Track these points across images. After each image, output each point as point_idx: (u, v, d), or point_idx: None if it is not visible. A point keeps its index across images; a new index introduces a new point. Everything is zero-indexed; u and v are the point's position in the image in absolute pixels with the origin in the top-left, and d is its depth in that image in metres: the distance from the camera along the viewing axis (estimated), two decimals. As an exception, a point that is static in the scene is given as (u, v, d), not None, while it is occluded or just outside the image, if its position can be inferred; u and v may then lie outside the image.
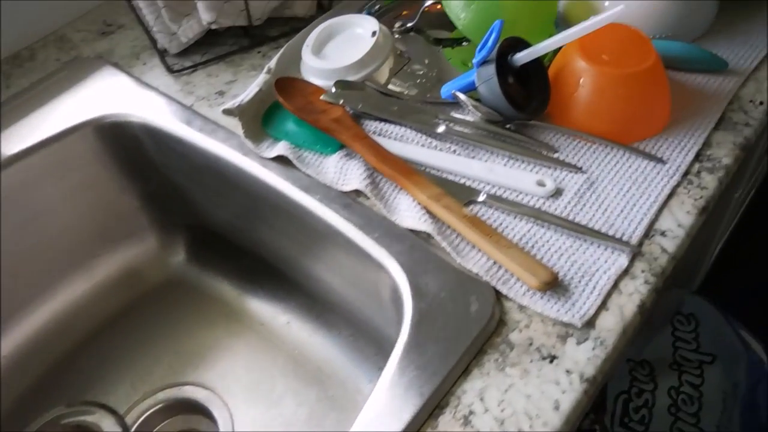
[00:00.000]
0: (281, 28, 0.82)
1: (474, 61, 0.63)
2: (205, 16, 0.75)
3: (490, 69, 0.62)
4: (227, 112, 0.67)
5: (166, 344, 0.78)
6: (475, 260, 0.56)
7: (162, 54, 0.80)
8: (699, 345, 1.17)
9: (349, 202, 0.62)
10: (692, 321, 1.30)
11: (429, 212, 0.58)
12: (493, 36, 0.62)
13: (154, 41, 0.79)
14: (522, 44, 0.65)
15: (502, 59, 0.63)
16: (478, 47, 0.63)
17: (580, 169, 0.62)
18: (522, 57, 0.62)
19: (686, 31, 0.72)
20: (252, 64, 0.78)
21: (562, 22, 0.78)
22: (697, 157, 0.62)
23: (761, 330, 1.32)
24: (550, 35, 0.74)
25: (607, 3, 0.72)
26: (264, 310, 0.80)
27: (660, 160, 0.61)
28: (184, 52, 0.80)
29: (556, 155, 0.63)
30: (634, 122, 0.63)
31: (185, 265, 0.86)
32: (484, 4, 0.69)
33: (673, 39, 0.71)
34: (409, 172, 0.61)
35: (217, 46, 0.81)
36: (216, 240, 0.83)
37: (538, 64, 0.65)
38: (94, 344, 0.79)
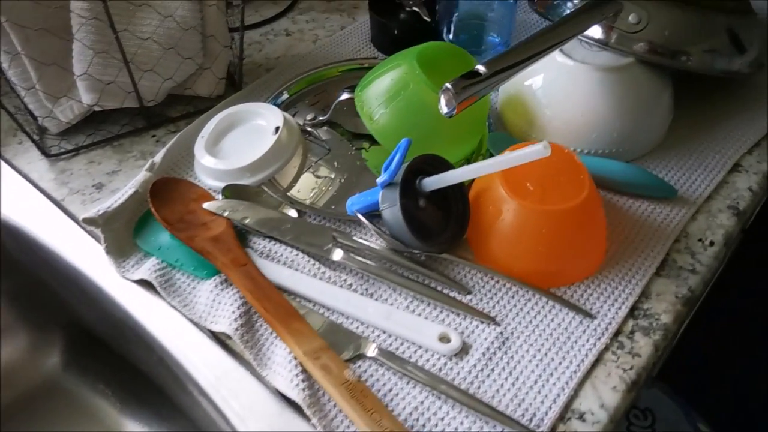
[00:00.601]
0: (184, 108, 0.72)
1: (378, 181, 0.54)
2: (85, 97, 0.65)
3: (394, 194, 0.52)
4: (89, 221, 0.57)
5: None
6: (352, 442, 0.45)
7: (41, 133, 0.69)
8: (655, 441, 1.09)
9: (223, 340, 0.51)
10: (648, 416, 1.21)
11: (306, 371, 0.48)
12: (398, 157, 0.52)
13: (33, 117, 0.69)
14: (436, 163, 0.55)
15: (410, 181, 0.54)
16: (384, 165, 0.54)
17: (494, 319, 0.52)
18: (431, 183, 0.53)
19: (632, 148, 0.63)
20: (142, 151, 0.68)
21: (497, 122, 0.69)
22: (632, 312, 0.52)
23: (723, 417, 1.24)
24: (483, 136, 0.65)
25: (545, 102, 0.63)
26: (143, 433, 0.69)
27: (588, 314, 0.52)
28: (70, 131, 0.70)
29: (468, 298, 0.53)
30: (561, 265, 0.54)
31: (61, 370, 0.75)
32: (401, 105, 0.60)
33: (616, 156, 0.62)
34: (288, 316, 0.51)
35: (108, 124, 0.70)
36: (95, 344, 0.72)
37: (457, 186, 0.56)
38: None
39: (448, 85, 0.49)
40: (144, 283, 0.55)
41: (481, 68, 0.51)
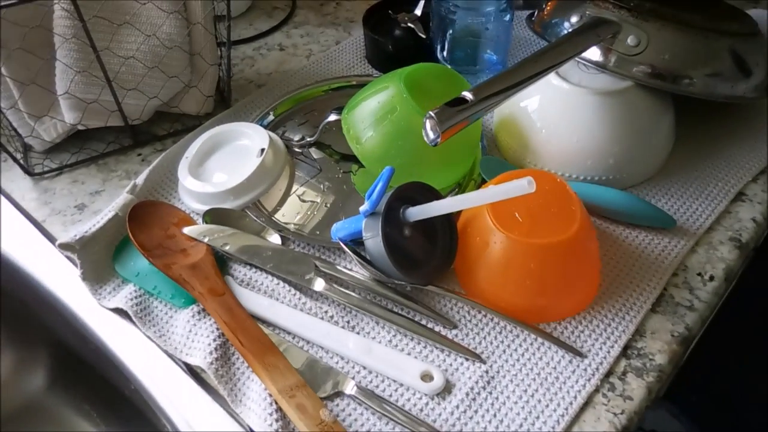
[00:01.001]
0: (171, 126, 0.70)
1: (361, 209, 0.52)
2: (68, 116, 0.64)
3: (377, 224, 0.50)
4: (65, 246, 0.55)
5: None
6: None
7: (26, 150, 0.68)
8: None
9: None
10: (654, 438, 1.18)
11: (281, 409, 0.46)
12: (380, 186, 0.50)
13: (18, 134, 0.67)
14: (423, 191, 0.53)
15: (395, 209, 0.52)
16: (367, 193, 0.52)
17: (480, 356, 0.49)
18: (414, 214, 0.50)
19: (629, 175, 0.60)
20: (127, 171, 0.67)
21: (491, 143, 0.67)
22: (625, 351, 0.50)
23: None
24: (475, 158, 0.63)
25: (540, 126, 0.61)
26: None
27: (578, 353, 0.49)
28: (55, 148, 0.68)
29: (454, 333, 0.51)
30: (550, 300, 0.51)
31: (46, 390, 0.73)
32: (388, 129, 0.58)
33: (612, 184, 0.60)
34: (264, 350, 0.49)
35: (94, 142, 0.69)
36: (80, 364, 0.71)
37: (445, 214, 0.53)
38: None
39: (432, 113, 0.47)
40: (120, 311, 0.54)
41: (467, 95, 0.49)
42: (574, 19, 0.62)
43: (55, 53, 0.61)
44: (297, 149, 0.66)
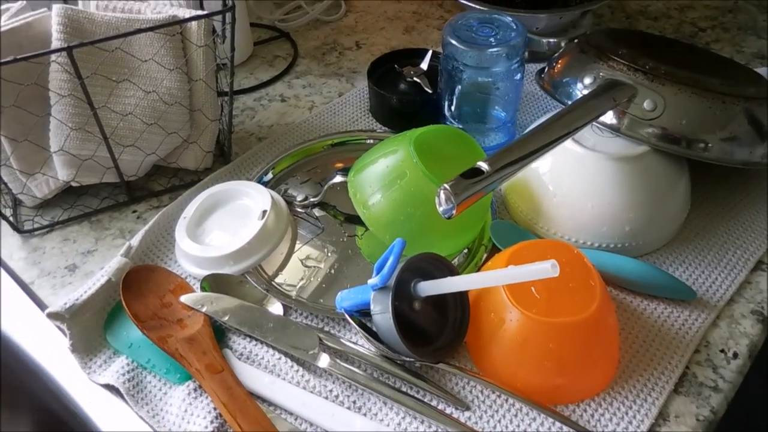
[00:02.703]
0: (168, 181, 0.68)
1: (370, 282, 0.49)
2: (61, 173, 0.61)
3: (386, 301, 0.47)
4: (54, 316, 0.52)
5: None
6: None
7: (15, 206, 0.65)
8: None
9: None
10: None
11: (282, 502, 0.43)
12: (391, 260, 0.47)
13: (9, 190, 0.64)
14: (434, 262, 0.51)
15: (406, 281, 0.49)
16: (376, 266, 0.49)
17: (495, 443, 0.47)
18: (426, 289, 0.48)
19: (645, 242, 0.58)
20: (121, 229, 0.64)
21: (501, 206, 0.64)
22: (649, 437, 0.47)
23: None
24: (485, 223, 0.61)
25: (552, 190, 0.59)
26: None
27: (599, 439, 0.47)
28: (46, 203, 0.66)
29: (467, 415, 0.48)
30: (569, 380, 0.48)
31: (28, 456, 0.69)
32: (396, 195, 0.55)
33: (627, 251, 0.57)
34: (264, 435, 0.46)
35: (87, 197, 0.66)
36: (65, 428, 0.67)
37: (456, 286, 0.51)
38: None
39: (447, 186, 0.45)
40: (111, 387, 0.50)
41: (483, 165, 0.47)
42: (587, 80, 0.60)
43: (50, 109, 0.59)
44: (299, 209, 0.64)
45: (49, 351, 0.54)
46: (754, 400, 0.68)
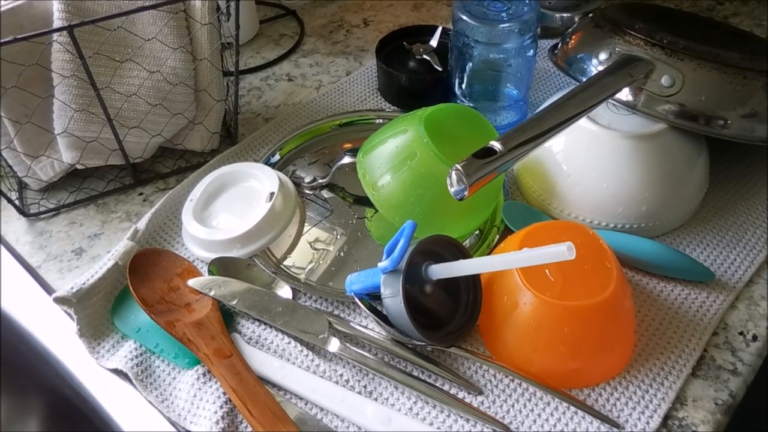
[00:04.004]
0: (175, 163, 0.67)
1: (380, 265, 0.48)
2: (66, 156, 0.60)
3: (397, 284, 0.46)
4: (61, 301, 0.52)
5: None
6: None
7: (21, 190, 0.65)
8: None
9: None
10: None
11: (293, 488, 0.43)
12: (402, 242, 0.46)
13: (14, 173, 0.64)
14: (446, 244, 0.50)
15: (416, 264, 0.48)
16: (386, 248, 0.48)
17: (508, 427, 0.46)
18: (437, 272, 0.47)
19: (662, 222, 0.57)
20: (127, 212, 0.63)
21: (514, 186, 0.63)
22: (665, 421, 0.46)
23: None
24: (497, 203, 0.60)
25: (566, 169, 0.57)
26: None
27: (614, 424, 0.46)
28: (52, 186, 0.65)
29: (479, 400, 0.47)
30: (583, 364, 0.47)
31: (40, 440, 0.70)
32: (406, 176, 0.54)
33: (644, 232, 0.56)
34: (276, 421, 0.45)
35: (93, 179, 0.66)
36: (75, 414, 0.67)
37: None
38: None
39: (459, 166, 0.44)
40: (119, 372, 0.50)
41: (496, 145, 0.45)
42: (602, 56, 0.58)
43: (53, 90, 0.58)
44: (308, 190, 0.62)
45: (57, 335, 0.54)
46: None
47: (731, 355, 0.50)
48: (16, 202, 0.62)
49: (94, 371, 0.51)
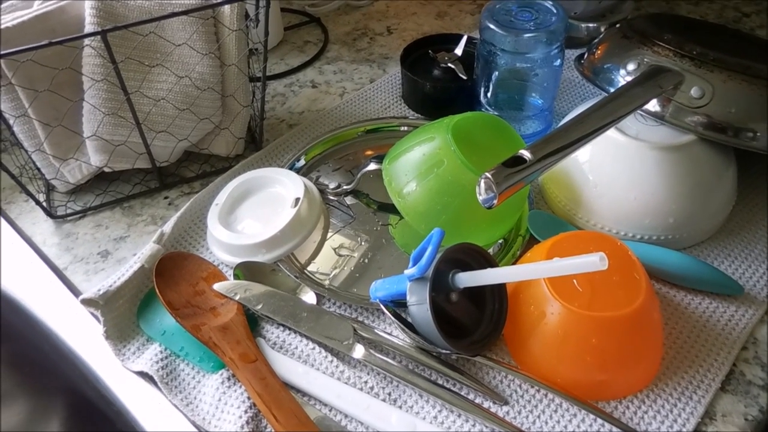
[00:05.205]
0: (200, 167, 0.67)
1: (406, 273, 0.48)
2: (94, 158, 0.61)
3: (423, 291, 0.46)
4: (88, 302, 0.52)
5: None
6: None
7: (48, 192, 0.65)
8: None
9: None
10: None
11: (317, 494, 0.42)
12: (429, 250, 0.46)
13: (42, 175, 0.64)
14: (472, 253, 0.50)
15: (443, 272, 0.48)
16: (412, 256, 0.48)
17: (534, 438, 0.45)
18: (465, 281, 0.47)
19: (690, 235, 0.56)
20: (153, 215, 0.63)
21: (539, 196, 0.63)
22: (694, 436, 0.45)
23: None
24: (522, 213, 0.60)
25: (593, 180, 0.57)
26: None
27: (642, 438, 0.45)
28: (79, 188, 0.66)
29: (505, 410, 0.47)
30: (611, 376, 0.47)
31: (60, 440, 0.70)
32: (433, 184, 0.54)
33: (671, 244, 0.55)
34: (301, 428, 0.45)
35: (119, 182, 0.66)
36: (97, 414, 0.67)
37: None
38: None
39: (489, 174, 0.43)
40: (144, 374, 0.50)
41: (526, 154, 0.45)
42: (631, 66, 0.58)
43: (83, 94, 0.58)
44: (332, 197, 0.63)
45: (82, 336, 0.54)
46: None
47: (761, 370, 0.49)
48: (44, 204, 0.63)
49: (119, 373, 0.52)
